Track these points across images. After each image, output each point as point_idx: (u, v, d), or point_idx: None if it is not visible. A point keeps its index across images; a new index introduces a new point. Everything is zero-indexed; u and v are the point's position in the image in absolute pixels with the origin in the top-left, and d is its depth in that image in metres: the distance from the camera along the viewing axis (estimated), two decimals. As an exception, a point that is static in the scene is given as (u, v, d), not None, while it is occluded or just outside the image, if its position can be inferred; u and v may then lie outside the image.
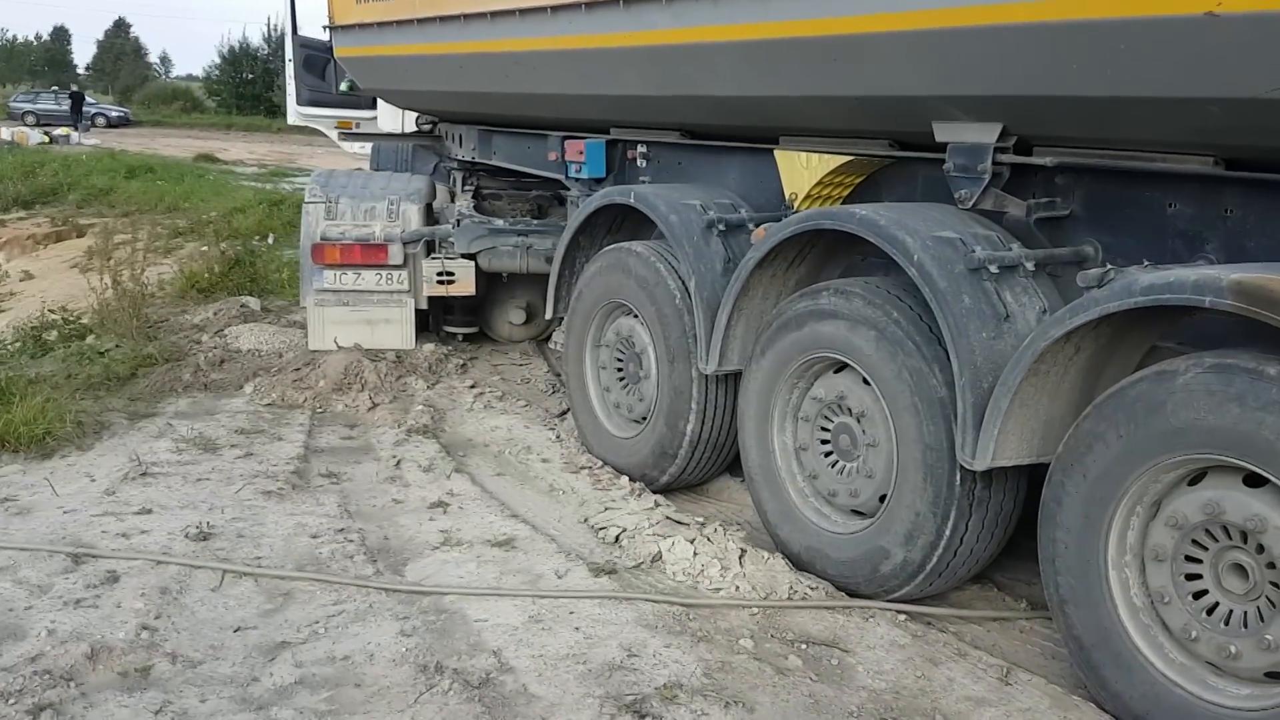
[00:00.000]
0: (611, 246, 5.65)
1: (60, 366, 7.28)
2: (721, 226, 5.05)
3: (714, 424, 5.15)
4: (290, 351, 7.92)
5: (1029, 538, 4.09)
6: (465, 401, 6.91)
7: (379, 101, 11.93)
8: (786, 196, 4.98)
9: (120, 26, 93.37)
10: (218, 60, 61.45)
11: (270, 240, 14.31)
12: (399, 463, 5.75)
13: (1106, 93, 3.52)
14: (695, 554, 4.41)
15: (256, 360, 7.72)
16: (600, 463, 5.68)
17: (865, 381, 4.18)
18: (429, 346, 7.76)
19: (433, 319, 8.25)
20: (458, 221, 7.67)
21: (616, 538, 4.69)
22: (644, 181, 6.19)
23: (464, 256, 7.68)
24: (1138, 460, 3.31)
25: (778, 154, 5.03)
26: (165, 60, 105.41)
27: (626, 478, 5.43)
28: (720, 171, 5.73)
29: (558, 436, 6.19)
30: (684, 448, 5.18)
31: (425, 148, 11.68)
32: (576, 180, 6.62)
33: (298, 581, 4.28)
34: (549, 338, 8.66)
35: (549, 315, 6.29)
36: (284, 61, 13.21)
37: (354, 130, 10.42)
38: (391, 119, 11.93)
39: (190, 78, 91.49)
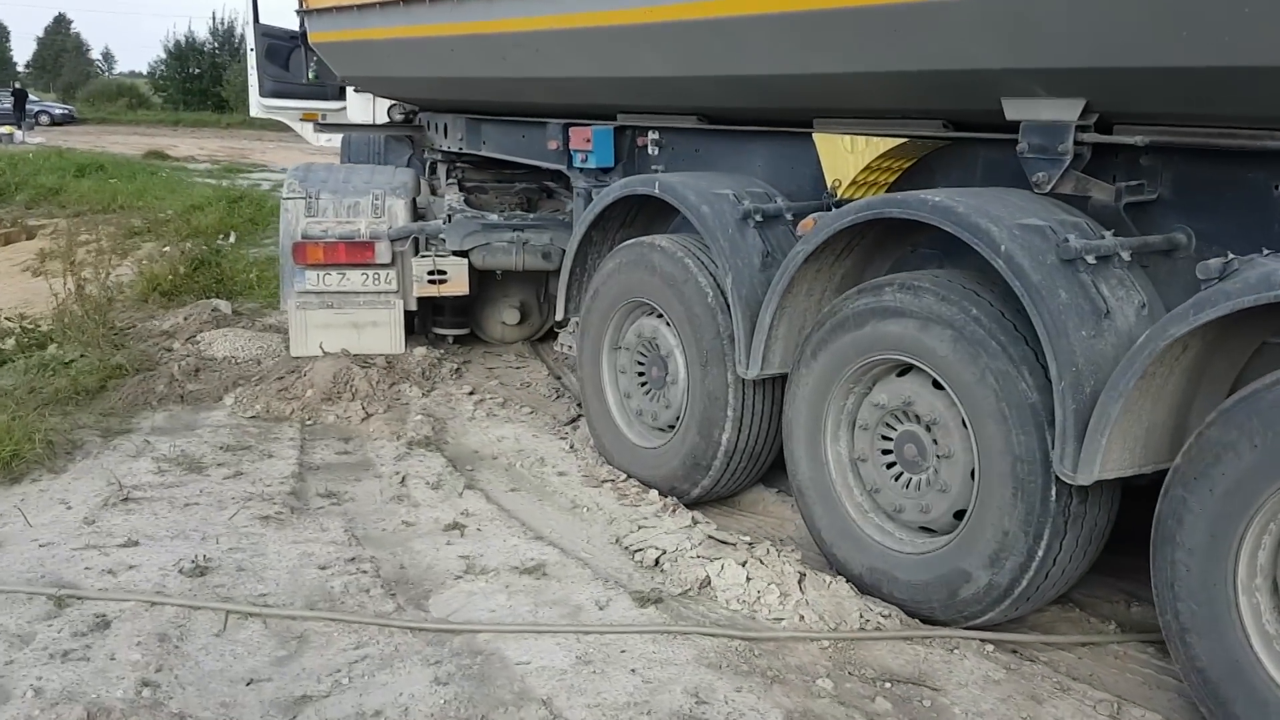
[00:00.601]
0: (631, 241, 5.23)
1: (22, 379, 6.75)
2: (758, 218, 4.64)
3: (752, 432, 4.75)
4: (269, 358, 7.44)
5: (1106, 551, 3.75)
6: (465, 409, 6.47)
7: (348, 91, 11.45)
8: (828, 184, 4.58)
9: (60, 23, 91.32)
10: (163, 55, 60.15)
11: (232, 239, 13.77)
12: (404, 479, 5.30)
13: (1216, 62, 3.15)
14: (748, 579, 4.02)
15: (234, 369, 7.23)
16: (623, 475, 5.26)
17: (936, 386, 3.80)
18: (420, 350, 7.30)
19: (420, 320, 7.78)
20: (448, 216, 7.22)
21: (657, 561, 4.28)
22: (657, 170, 5.77)
23: (455, 254, 7.23)
24: (1275, 472, 2.95)
25: (818, 137, 4.64)
26: (108, 57, 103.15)
27: (655, 491, 5.02)
28: (744, 158, 5.33)
29: (571, 446, 5.77)
30: (719, 458, 4.78)
31: (399, 139, 11.21)
32: (582, 170, 6.19)
33: (311, 622, 3.83)
34: (544, 338, 8.23)
35: (559, 316, 5.85)
36: (246, 51, 12.66)
37: (322, 121, 9.89)
38: (361, 109, 11.44)
39: (134, 74, 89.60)
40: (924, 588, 3.86)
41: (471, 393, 6.73)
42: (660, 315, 5.07)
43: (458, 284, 7.23)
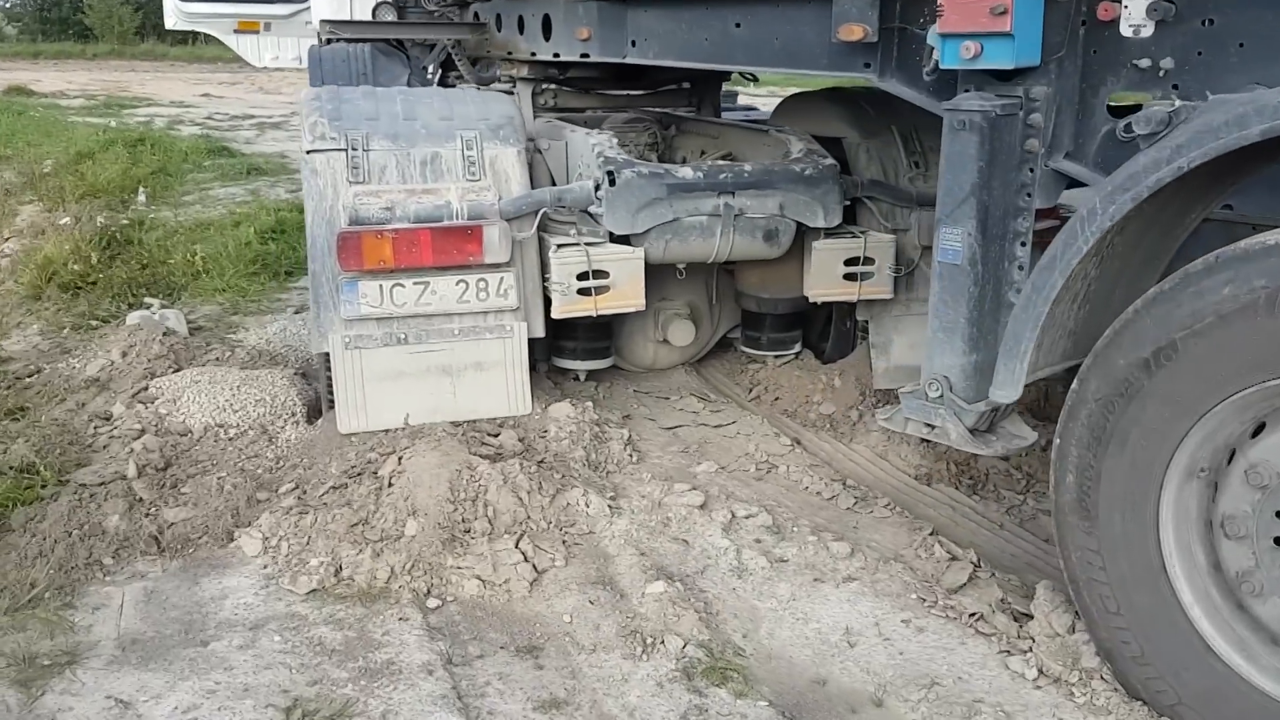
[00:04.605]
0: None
1: None
2: None
3: None
4: (282, 423, 4.31)
5: None
6: (714, 546, 3.42)
7: (308, -16, 8.14)
8: None
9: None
10: (14, -20, 53.95)
11: (142, 198, 10.29)
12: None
13: None
14: None
15: (232, 457, 4.08)
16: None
17: None
18: (563, 410, 4.17)
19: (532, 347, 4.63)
20: (609, 175, 4.07)
21: None
22: (1156, 69, 2.79)
23: (615, 240, 4.14)
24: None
25: None
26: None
27: None
28: None
29: (1038, 669, 2.75)
30: None
31: (388, 53, 7.95)
32: (962, 77, 3.15)
33: None
34: (706, 356, 5.18)
35: (1010, 392, 2.81)
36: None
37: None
38: (333, 7, 8.13)
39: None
40: None
41: (703, 504, 3.65)
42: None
43: (628, 293, 4.12)
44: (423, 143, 4.15)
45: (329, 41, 8.27)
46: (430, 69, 7.74)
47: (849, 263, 4.32)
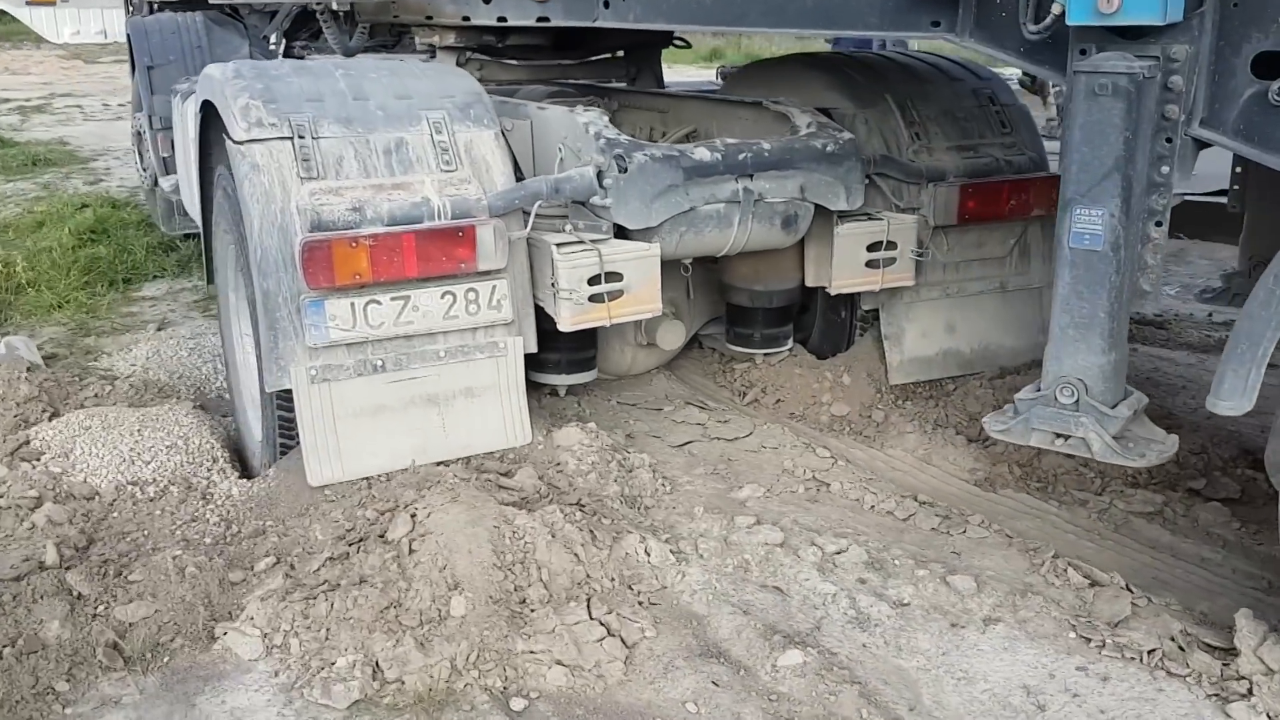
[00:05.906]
0: None
1: None
2: None
3: None
4: (209, 472, 3.58)
5: None
6: (822, 595, 2.90)
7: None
8: None
9: None
10: None
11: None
12: None
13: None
14: None
15: (163, 525, 3.35)
16: None
17: None
18: (574, 435, 3.57)
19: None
20: (619, 159, 3.46)
21: None
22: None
23: (620, 234, 3.55)
24: None
25: None
26: None
27: None
28: None
29: (1268, 716, 2.39)
30: None
31: (225, 19, 7.13)
32: (1076, 31, 2.73)
33: None
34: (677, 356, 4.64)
35: (1243, 406, 2.39)
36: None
37: None
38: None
39: None
40: None
41: (783, 542, 3.13)
42: None
43: (643, 297, 3.53)
44: (383, 127, 3.44)
45: (153, 10, 7.27)
46: (273, 39, 6.91)
47: (871, 248, 3.87)
